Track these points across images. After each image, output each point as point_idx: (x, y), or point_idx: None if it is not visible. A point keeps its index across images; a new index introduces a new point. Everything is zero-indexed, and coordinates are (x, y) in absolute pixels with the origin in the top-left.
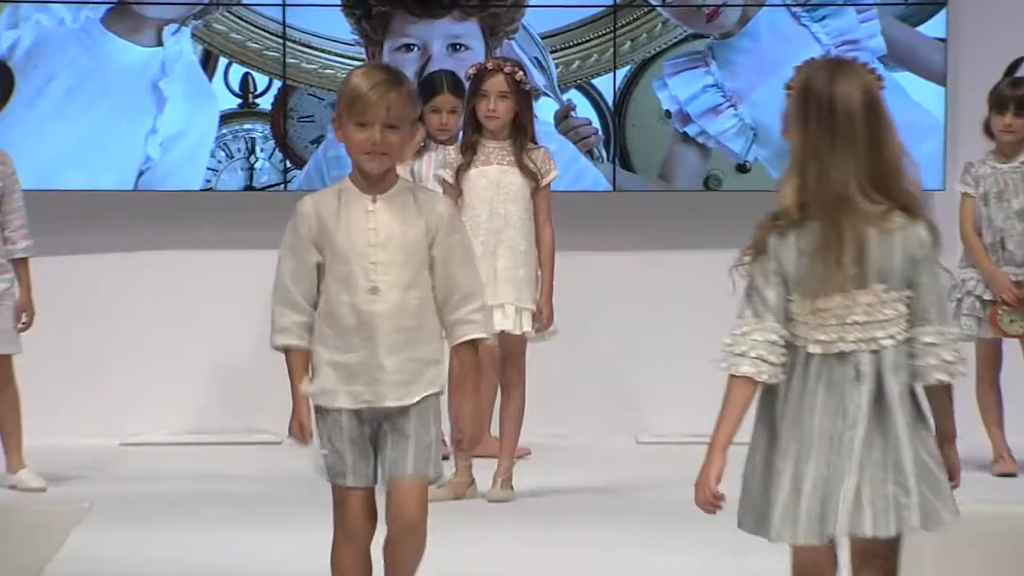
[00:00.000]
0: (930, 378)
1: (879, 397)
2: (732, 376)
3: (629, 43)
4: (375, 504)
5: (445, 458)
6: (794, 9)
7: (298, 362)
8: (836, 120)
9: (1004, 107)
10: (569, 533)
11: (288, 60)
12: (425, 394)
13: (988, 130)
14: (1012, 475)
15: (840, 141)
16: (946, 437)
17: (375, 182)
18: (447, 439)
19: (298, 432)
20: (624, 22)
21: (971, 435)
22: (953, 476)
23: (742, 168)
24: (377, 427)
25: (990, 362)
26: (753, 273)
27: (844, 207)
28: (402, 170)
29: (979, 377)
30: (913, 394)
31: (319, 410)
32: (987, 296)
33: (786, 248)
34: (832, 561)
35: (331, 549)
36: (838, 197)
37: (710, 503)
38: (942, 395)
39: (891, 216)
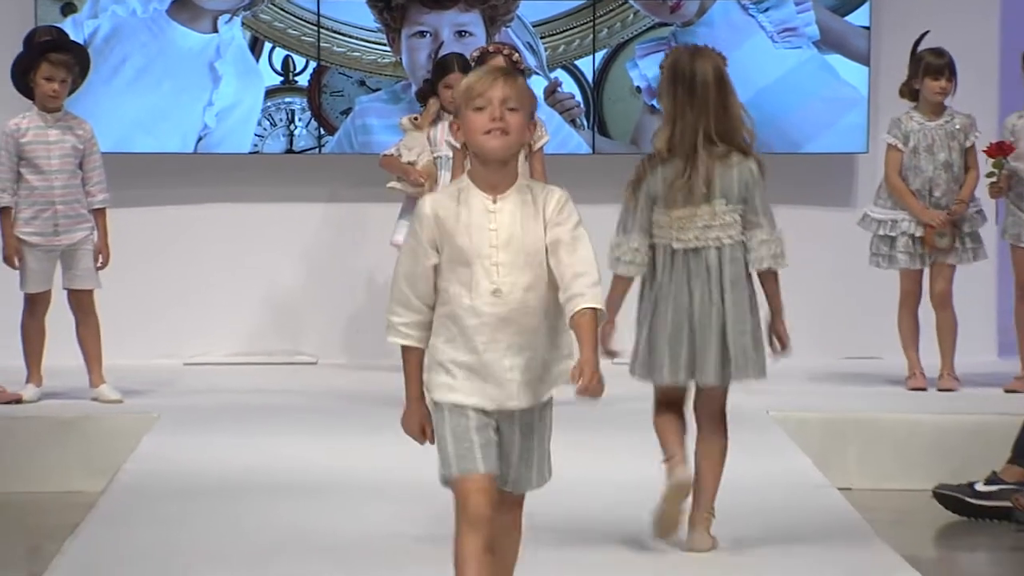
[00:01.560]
0: (762, 265)
1: (721, 283)
2: (614, 274)
3: (606, 30)
4: (496, 492)
5: None
6: (743, 2)
7: (412, 361)
8: (695, 88)
9: (939, 73)
10: (556, 436)
11: (322, 44)
12: (550, 395)
13: (908, 93)
14: (923, 390)
15: (697, 103)
16: (776, 313)
17: (495, 178)
18: None
19: (419, 434)
20: (602, 13)
21: (890, 355)
22: (783, 344)
23: None
24: (500, 426)
25: (912, 292)
26: (630, 198)
27: (699, 149)
28: (419, 136)
29: (901, 304)
30: (745, 282)
31: (439, 405)
32: (918, 234)
33: (656, 178)
34: (684, 398)
35: (454, 542)
36: (695, 142)
37: (610, 354)
38: (771, 282)
39: (731, 155)
